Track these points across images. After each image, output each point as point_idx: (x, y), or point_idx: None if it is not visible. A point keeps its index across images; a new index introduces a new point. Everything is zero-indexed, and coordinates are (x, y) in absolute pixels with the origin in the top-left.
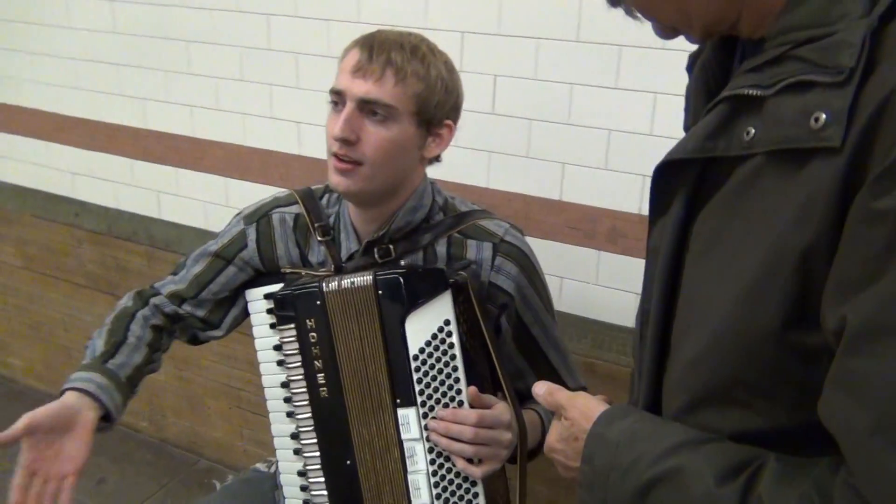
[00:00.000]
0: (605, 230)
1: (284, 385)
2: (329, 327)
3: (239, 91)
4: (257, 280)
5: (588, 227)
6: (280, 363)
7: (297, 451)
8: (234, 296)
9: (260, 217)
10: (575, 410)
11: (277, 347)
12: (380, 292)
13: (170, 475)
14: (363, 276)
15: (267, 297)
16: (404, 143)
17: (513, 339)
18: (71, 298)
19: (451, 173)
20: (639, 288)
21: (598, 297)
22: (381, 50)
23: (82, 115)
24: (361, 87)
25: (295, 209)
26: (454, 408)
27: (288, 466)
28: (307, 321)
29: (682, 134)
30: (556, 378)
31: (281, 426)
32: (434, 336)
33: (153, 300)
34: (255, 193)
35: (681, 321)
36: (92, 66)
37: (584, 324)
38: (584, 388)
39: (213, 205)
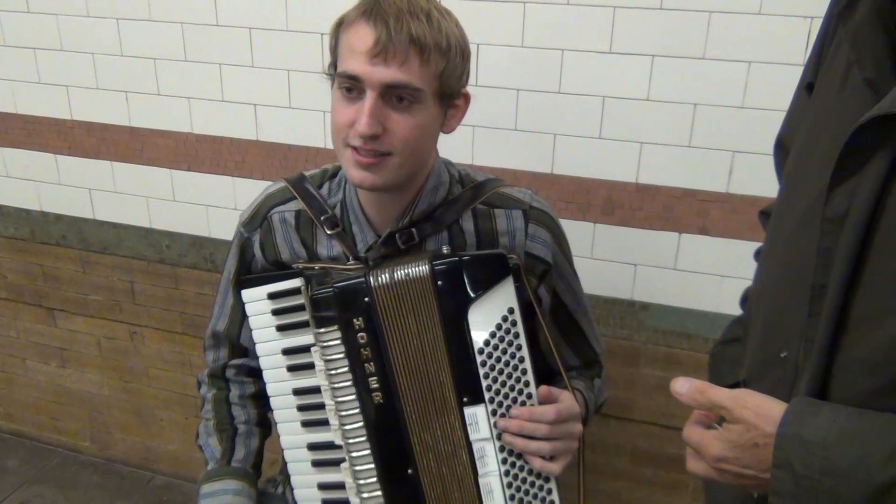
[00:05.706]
0: (601, 202)
1: (300, 392)
2: (381, 325)
3: (183, 73)
4: (258, 278)
5: (582, 199)
6: (291, 369)
7: (318, 464)
8: None
9: (261, 221)
10: (745, 411)
11: (288, 352)
12: (438, 283)
13: (123, 496)
14: (417, 265)
15: (272, 296)
16: (430, 125)
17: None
18: None
19: None
20: (637, 258)
21: (595, 271)
22: (398, 23)
23: None
24: (385, 73)
25: (294, 205)
26: (528, 404)
27: (305, 481)
28: (354, 321)
29: (679, 95)
30: (587, 348)
31: (294, 437)
32: (499, 326)
33: (227, 373)
34: (207, 185)
35: (874, 296)
36: (1, 50)
37: None
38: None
39: (157, 200)
